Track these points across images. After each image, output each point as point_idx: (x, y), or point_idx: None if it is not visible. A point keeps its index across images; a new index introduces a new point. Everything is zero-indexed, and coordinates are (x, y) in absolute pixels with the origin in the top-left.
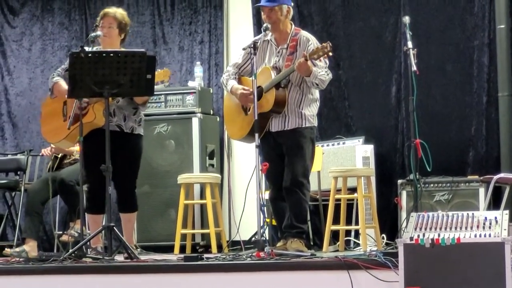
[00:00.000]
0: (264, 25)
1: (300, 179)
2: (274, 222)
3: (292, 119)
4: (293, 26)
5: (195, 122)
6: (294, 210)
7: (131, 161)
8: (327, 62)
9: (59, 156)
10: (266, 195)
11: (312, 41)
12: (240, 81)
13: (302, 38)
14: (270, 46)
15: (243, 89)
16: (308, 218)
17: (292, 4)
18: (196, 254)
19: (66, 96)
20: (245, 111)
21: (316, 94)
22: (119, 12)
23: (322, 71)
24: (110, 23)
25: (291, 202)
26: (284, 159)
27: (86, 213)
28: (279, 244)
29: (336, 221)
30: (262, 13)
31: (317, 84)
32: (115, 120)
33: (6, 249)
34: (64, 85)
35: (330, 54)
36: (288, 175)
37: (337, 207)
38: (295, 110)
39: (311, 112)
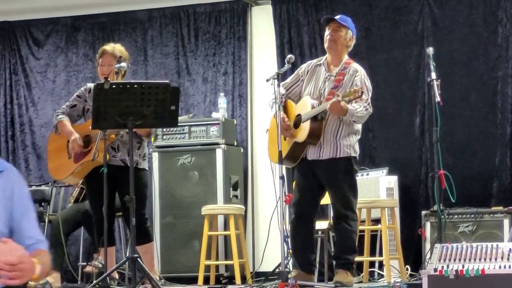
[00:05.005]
0: (288, 56)
1: (343, 212)
2: None
3: (326, 149)
4: (347, 57)
5: (219, 153)
6: (340, 241)
7: (136, 193)
8: (369, 94)
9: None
10: None
11: (360, 73)
12: (285, 103)
13: (350, 70)
14: (320, 70)
15: (282, 119)
16: (332, 249)
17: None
18: (220, 286)
19: (68, 137)
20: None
21: (357, 126)
22: (117, 49)
23: (360, 107)
24: (109, 61)
25: (337, 233)
26: (314, 190)
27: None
28: (293, 273)
29: (360, 252)
30: (327, 28)
31: (354, 121)
32: (119, 155)
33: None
34: (68, 125)
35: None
36: (332, 208)
37: (361, 238)
38: (331, 141)
39: (348, 142)
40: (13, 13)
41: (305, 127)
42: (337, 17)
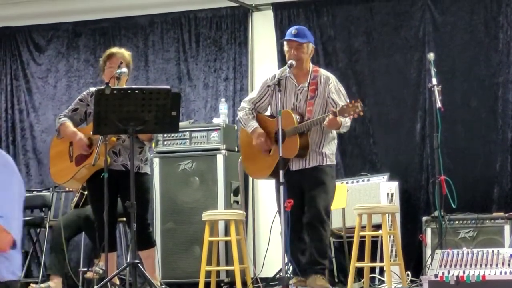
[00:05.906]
0: (289, 61)
1: (323, 216)
2: None
3: (312, 158)
4: (311, 65)
5: (219, 158)
6: (317, 246)
7: (139, 198)
8: (346, 99)
9: (85, 192)
10: None
11: (331, 80)
12: (257, 119)
13: (321, 78)
14: (290, 83)
15: (262, 135)
16: (333, 255)
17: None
18: None
19: (71, 138)
20: (267, 150)
21: (334, 133)
22: (126, 52)
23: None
24: (118, 63)
25: (313, 238)
26: (300, 197)
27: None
28: (294, 280)
29: (360, 258)
30: (287, 47)
31: (344, 132)
32: (121, 160)
33: (31, 284)
34: (70, 126)
35: (361, 114)
36: (311, 211)
37: (361, 244)
38: (315, 150)
39: (330, 151)
40: (14, 18)
41: (293, 142)
42: (294, 33)
